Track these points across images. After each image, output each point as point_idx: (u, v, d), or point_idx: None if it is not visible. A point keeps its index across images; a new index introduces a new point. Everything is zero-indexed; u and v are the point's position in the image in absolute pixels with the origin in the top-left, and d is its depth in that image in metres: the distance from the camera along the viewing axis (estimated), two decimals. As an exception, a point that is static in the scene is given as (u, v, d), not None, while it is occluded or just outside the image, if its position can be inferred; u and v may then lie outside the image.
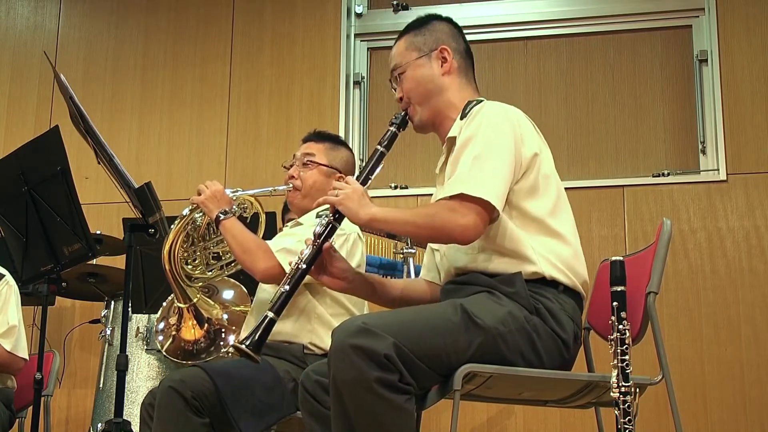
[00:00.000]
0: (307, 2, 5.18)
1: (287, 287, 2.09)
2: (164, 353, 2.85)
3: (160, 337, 2.84)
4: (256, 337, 2.02)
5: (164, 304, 2.90)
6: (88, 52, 5.43)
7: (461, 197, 2.00)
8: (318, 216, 2.69)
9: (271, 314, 2.06)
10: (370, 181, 2.22)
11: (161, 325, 2.85)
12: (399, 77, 2.30)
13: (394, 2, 5.09)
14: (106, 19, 5.46)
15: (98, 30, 5.45)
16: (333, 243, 2.52)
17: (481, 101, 2.21)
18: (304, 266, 2.12)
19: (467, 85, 2.31)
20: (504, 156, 2.05)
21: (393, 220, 2.08)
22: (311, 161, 2.88)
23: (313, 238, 2.14)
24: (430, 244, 2.40)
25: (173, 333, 2.79)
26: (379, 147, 2.25)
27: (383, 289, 2.33)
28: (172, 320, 2.79)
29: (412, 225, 2.08)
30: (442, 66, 2.27)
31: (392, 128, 2.28)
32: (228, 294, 2.87)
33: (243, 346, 2.00)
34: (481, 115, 2.13)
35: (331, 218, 2.13)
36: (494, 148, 2.05)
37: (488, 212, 2.01)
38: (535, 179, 2.11)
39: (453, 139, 2.19)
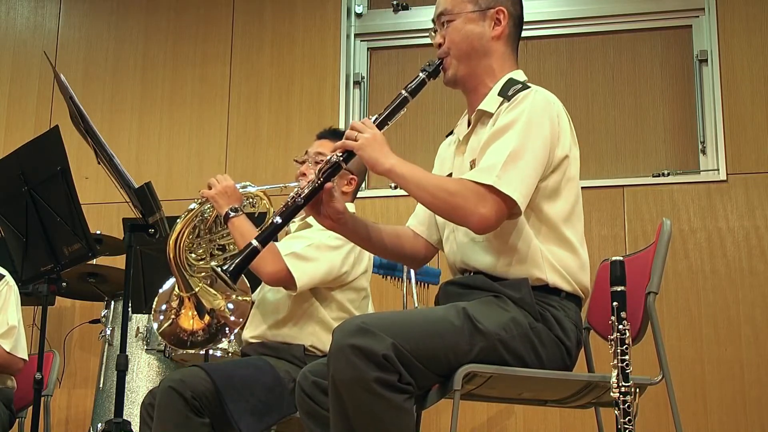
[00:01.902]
0: (307, 2, 5.18)
1: (279, 219, 2.00)
2: (158, 334, 2.83)
3: (160, 317, 2.82)
4: (234, 265, 1.92)
5: (164, 287, 2.87)
6: (88, 52, 5.43)
7: (490, 188, 1.94)
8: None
9: (255, 242, 1.96)
10: (387, 126, 2.09)
11: (163, 307, 2.83)
12: (445, 24, 2.16)
13: (394, 2, 5.09)
14: (106, 19, 5.46)
15: (98, 30, 5.45)
16: (338, 249, 2.51)
17: (528, 87, 2.11)
18: (302, 201, 2.03)
19: (511, 56, 2.20)
20: (539, 156, 1.99)
21: (411, 180, 1.98)
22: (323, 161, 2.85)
23: (316, 174, 2.05)
24: None
25: (172, 317, 2.77)
26: (403, 92, 2.10)
27: (377, 236, 2.24)
28: (174, 304, 2.78)
29: (428, 194, 1.97)
30: (493, 28, 2.16)
31: (422, 74, 2.13)
32: None
33: (220, 270, 1.93)
34: (525, 104, 2.04)
35: (340, 158, 2.03)
36: (532, 146, 1.98)
37: (509, 209, 1.96)
38: (558, 181, 2.07)
39: (484, 113, 2.12)
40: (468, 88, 2.19)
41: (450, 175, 2.21)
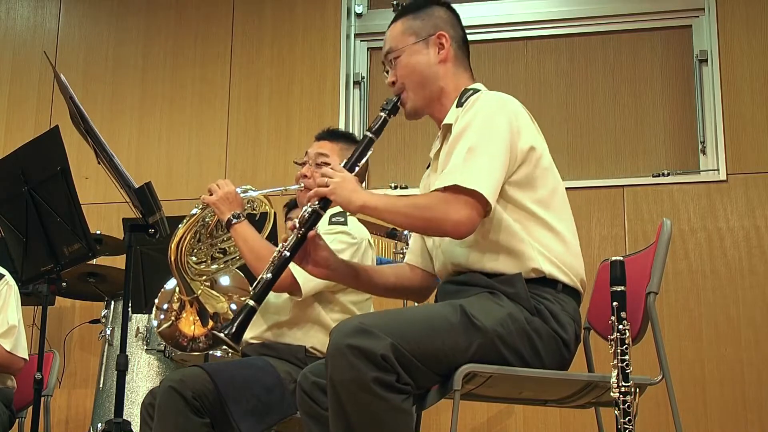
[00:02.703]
0: (307, 2, 5.18)
1: (269, 275, 2.03)
2: (158, 333, 2.83)
3: (161, 316, 2.81)
4: (235, 327, 1.95)
5: (167, 287, 2.87)
6: (88, 52, 5.43)
7: (455, 189, 1.97)
8: (329, 216, 2.66)
9: (252, 303, 1.99)
10: (358, 168, 2.15)
11: (164, 306, 2.83)
12: (393, 61, 2.25)
13: (394, 2, 5.09)
14: (106, 19, 5.46)
15: (98, 30, 5.46)
16: (342, 252, 2.51)
17: (479, 90, 2.18)
18: (288, 254, 2.06)
19: (463, 74, 2.26)
20: (499, 148, 2.02)
21: (384, 209, 2.03)
22: (324, 162, 2.85)
23: (297, 225, 2.08)
24: None
25: (172, 319, 2.77)
26: (368, 133, 2.19)
27: (368, 277, 2.29)
28: (175, 306, 2.77)
29: (403, 216, 2.03)
30: (438, 53, 2.22)
31: (383, 114, 2.22)
32: (225, 280, 2.85)
33: (222, 335, 1.95)
34: (478, 105, 2.09)
35: (317, 206, 2.08)
36: (489, 140, 2.02)
37: (482, 206, 1.98)
38: (530, 172, 2.08)
39: (449, 126, 2.16)
40: (432, 113, 2.26)
41: None
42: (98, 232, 4.32)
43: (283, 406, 2.57)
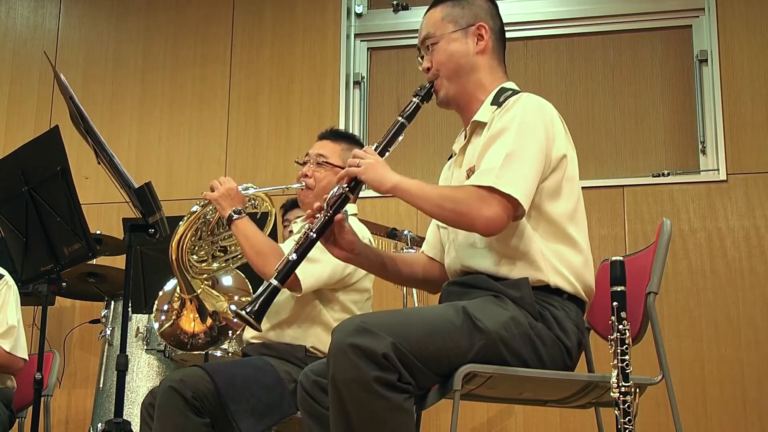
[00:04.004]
0: (307, 2, 5.18)
1: (295, 255, 2.03)
2: (159, 334, 2.83)
3: (162, 317, 2.82)
4: (258, 305, 1.95)
5: (166, 288, 2.87)
6: (88, 52, 5.43)
7: (491, 190, 1.96)
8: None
9: (275, 282, 1.98)
10: (388, 153, 2.14)
11: (164, 307, 2.83)
12: (430, 47, 2.22)
13: (394, 2, 5.09)
14: (106, 19, 5.46)
15: (98, 30, 5.45)
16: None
17: (518, 92, 2.15)
18: (314, 235, 2.06)
19: (498, 68, 2.24)
20: (535, 155, 2.01)
21: (417, 194, 2.01)
22: (326, 162, 2.85)
23: (325, 208, 2.07)
24: (438, 223, 2.33)
25: (173, 318, 2.77)
26: (400, 118, 2.17)
27: (395, 266, 2.28)
28: (175, 305, 2.78)
29: (436, 206, 2.00)
30: (477, 44, 2.20)
31: (416, 99, 2.19)
32: (227, 280, 2.86)
33: (244, 313, 1.94)
34: (517, 108, 2.06)
35: (346, 188, 2.07)
36: (527, 146, 2.01)
37: (514, 209, 1.98)
38: (558, 181, 2.08)
39: (479, 123, 2.14)
40: (461, 105, 2.23)
41: None
42: (98, 232, 4.32)
43: (283, 406, 2.57)
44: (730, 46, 4.59)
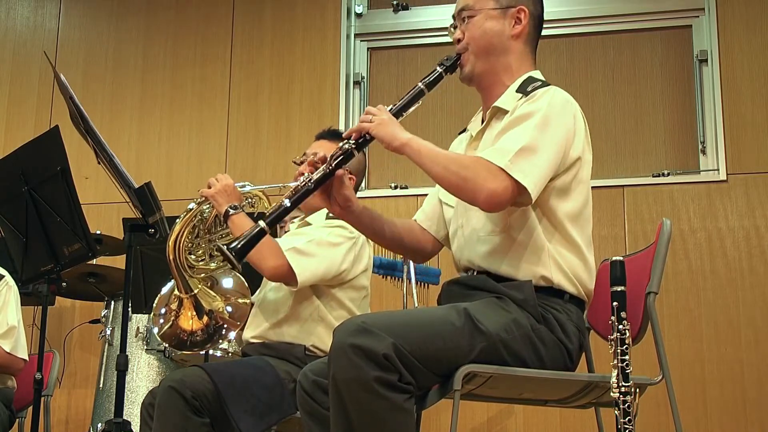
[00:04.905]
0: (307, 2, 5.18)
1: (288, 202, 1.99)
2: (159, 337, 2.83)
3: (160, 320, 2.82)
4: (241, 244, 1.91)
5: (163, 291, 2.87)
6: (88, 52, 5.43)
7: (502, 170, 1.92)
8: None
9: (263, 224, 1.95)
10: (402, 117, 2.09)
11: (162, 310, 2.83)
12: (466, 19, 2.16)
13: (394, 2, 5.09)
14: (106, 19, 5.46)
15: (98, 30, 5.45)
16: (339, 246, 2.51)
17: (547, 84, 2.10)
18: (312, 186, 2.02)
19: (529, 55, 2.19)
20: (552, 152, 1.98)
21: (426, 155, 1.98)
22: None
23: (328, 160, 2.03)
24: (442, 198, 2.30)
25: (172, 318, 2.77)
26: (420, 84, 2.11)
27: (381, 227, 2.24)
28: (173, 306, 2.77)
29: (441, 167, 1.96)
30: (513, 26, 2.15)
31: (440, 68, 2.13)
32: (227, 282, 2.85)
33: (225, 248, 1.91)
34: (545, 99, 2.02)
35: (353, 144, 2.03)
36: (546, 142, 1.98)
37: (519, 193, 1.94)
38: (569, 181, 2.06)
39: (500, 110, 2.11)
40: (484, 85, 2.19)
41: None
42: (98, 232, 4.32)
43: (282, 406, 2.57)
44: (730, 46, 4.59)
